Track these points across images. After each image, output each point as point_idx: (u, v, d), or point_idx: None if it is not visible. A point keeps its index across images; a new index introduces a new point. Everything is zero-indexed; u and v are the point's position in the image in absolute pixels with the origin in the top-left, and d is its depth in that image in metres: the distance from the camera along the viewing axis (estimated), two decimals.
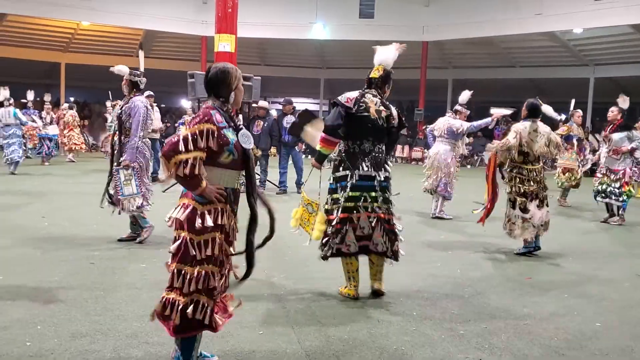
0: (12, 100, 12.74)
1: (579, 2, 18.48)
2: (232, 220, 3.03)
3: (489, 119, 7.85)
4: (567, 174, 10.06)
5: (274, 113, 12.55)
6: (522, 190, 6.01)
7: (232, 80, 3.01)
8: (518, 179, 6.03)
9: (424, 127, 8.62)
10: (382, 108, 4.33)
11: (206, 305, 2.89)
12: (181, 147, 2.75)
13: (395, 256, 4.41)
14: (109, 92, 15.21)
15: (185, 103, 22.97)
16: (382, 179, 4.28)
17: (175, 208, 2.95)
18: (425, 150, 8.88)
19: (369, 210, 4.23)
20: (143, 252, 5.59)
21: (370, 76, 4.46)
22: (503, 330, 3.82)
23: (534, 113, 6.08)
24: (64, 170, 13.67)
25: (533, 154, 5.99)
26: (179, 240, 2.88)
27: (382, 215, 4.26)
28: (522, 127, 5.98)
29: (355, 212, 4.22)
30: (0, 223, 6.84)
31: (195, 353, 2.99)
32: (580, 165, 10.19)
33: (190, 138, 2.77)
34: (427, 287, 4.78)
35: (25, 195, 9.31)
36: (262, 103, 11.32)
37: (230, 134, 2.90)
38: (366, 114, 4.25)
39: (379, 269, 4.43)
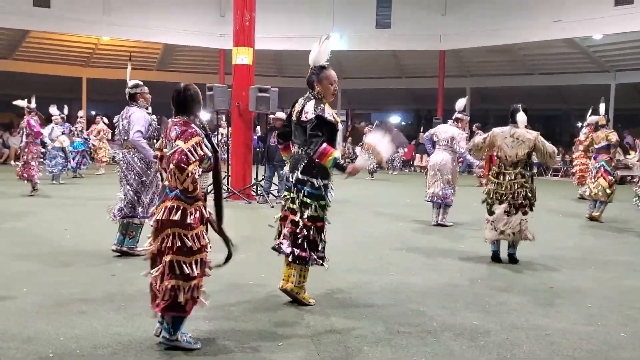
0: (56, 117, 13.61)
1: (598, 8, 18.30)
2: (208, 213, 3.54)
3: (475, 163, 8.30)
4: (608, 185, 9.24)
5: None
6: (491, 192, 6.09)
7: (200, 97, 3.56)
8: (489, 181, 6.15)
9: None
10: (299, 108, 4.31)
11: (201, 286, 3.49)
12: (190, 159, 3.28)
13: (296, 260, 4.25)
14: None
15: (204, 115, 23.25)
16: (294, 180, 4.26)
17: (162, 210, 3.40)
18: (427, 157, 8.88)
19: (285, 208, 4.36)
20: None
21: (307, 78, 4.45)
22: (525, 341, 3.77)
23: (512, 118, 6.14)
24: (90, 181, 13.87)
25: (506, 159, 6.02)
26: (171, 237, 3.35)
27: (292, 216, 4.27)
28: (498, 130, 6.13)
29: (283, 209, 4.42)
30: (24, 235, 6.96)
31: (182, 329, 3.47)
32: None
33: (192, 150, 3.30)
34: (446, 297, 4.74)
35: (49, 206, 9.45)
36: (279, 114, 11.38)
37: (207, 143, 3.44)
38: (292, 118, 4.39)
39: (289, 272, 4.34)
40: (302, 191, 4.23)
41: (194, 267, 3.38)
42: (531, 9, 19.85)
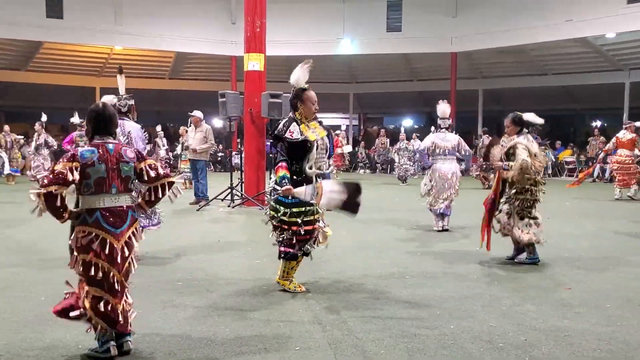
0: None
1: (610, 7, 18.15)
2: None
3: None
4: None
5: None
6: (533, 200, 6.02)
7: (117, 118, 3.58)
8: (529, 191, 5.97)
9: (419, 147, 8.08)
10: None
11: None
12: None
13: (279, 255, 4.86)
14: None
15: (217, 122, 23.37)
16: (271, 189, 4.93)
17: (132, 233, 3.45)
18: (428, 170, 8.29)
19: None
20: (178, 270, 5.66)
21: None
22: (543, 343, 3.73)
23: (525, 125, 6.08)
24: None
25: (539, 164, 6.03)
26: (133, 258, 3.49)
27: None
28: (526, 142, 5.97)
29: None
30: (41, 243, 7.02)
31: None
32: None
33: None
34: (464, 300, 4.71)
35: None
36: None
37: None
38: None
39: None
40: (273, 197, 4.80)
41: None
42: (542, 9, 19.73)
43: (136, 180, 3.50)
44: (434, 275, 5.60)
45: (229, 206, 10.84)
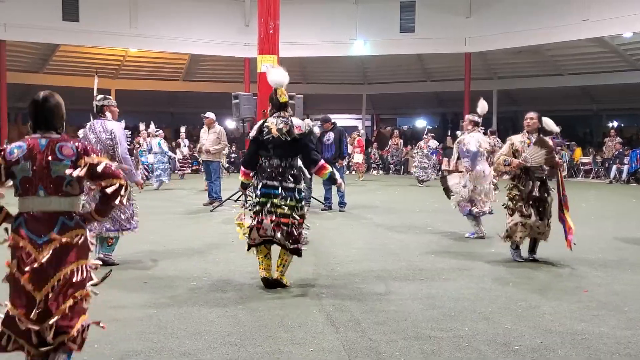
0: (159, 132, 15.27)
1: (627, 6, 17.94)
2: None
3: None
4: None
5: (316, 130, 12.61)
6: None
7: (64, 110, 3.05)
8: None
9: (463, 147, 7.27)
10: (281, 125, 4.94)
11: None
12: None
13: (295, 252, 4.95)
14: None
15: (231, 124, 23.43)
16: (283, 187, 4.92)
17: (64, 245, 2.86)
18: (471, 172, 7.69)
19: (271, 213, 4.88)
20: (193, 271, 5.68)
21: (281, 101, 5.07)
22: (560, 346, 3.69)
23: (543, 127, 6.20)
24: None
25: None
26: (78, 272, 2.92)
27: (283, 220, 4.88)
28: None
29: (260, 214, 4.92)
30: None
31: None
32: None
33: None
34: (479, 302, 4.67)
35: None
36: (307, 121, 11.39)
37: None
38: (269, 135, 4.95)
39: (282, 262, 5.01)
40: (290, 197, 4.89)
41: (88, 298, 3.02)
42: (558, 9, 19.55)
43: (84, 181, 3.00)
44: (449, 277, 5.56)
45: (242, 207, 10.85)
